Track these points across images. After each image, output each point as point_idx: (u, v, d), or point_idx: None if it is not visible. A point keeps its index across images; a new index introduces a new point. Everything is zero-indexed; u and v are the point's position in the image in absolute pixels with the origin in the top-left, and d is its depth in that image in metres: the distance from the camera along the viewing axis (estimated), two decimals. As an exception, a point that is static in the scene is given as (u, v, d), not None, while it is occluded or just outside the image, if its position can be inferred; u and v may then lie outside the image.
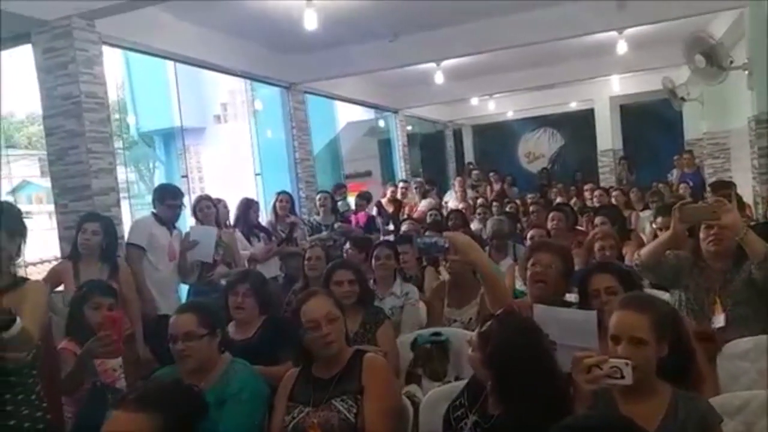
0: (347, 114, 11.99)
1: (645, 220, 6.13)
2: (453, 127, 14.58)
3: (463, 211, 7.20)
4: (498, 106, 13.41)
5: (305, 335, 2.26)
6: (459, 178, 10.51)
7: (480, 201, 8.76)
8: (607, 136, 12.95)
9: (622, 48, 7.69)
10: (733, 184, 7.04)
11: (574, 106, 13.75)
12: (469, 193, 9.93)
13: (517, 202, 8.63)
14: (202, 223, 4.65)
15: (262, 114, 8.45)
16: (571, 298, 2.85)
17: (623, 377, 1.69)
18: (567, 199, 9.01)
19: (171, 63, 6.33)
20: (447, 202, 9.29)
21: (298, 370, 2.36)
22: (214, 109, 12.00)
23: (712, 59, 6.28)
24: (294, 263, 4.83)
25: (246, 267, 4.75)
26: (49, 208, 5.55)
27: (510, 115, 14.52)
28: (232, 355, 2.51)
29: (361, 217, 6.62)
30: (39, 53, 4.43)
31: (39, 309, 2.13)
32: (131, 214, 6.31)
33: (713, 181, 6.99)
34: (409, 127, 12.32)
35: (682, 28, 6.82)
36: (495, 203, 7.88)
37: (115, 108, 6.82)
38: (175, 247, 4.38)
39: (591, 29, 6.96)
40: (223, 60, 6.52)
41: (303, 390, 2.28)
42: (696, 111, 10.02)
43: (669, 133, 12.29)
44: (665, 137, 12.42)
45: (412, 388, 2.89)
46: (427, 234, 5.21)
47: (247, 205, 5.33)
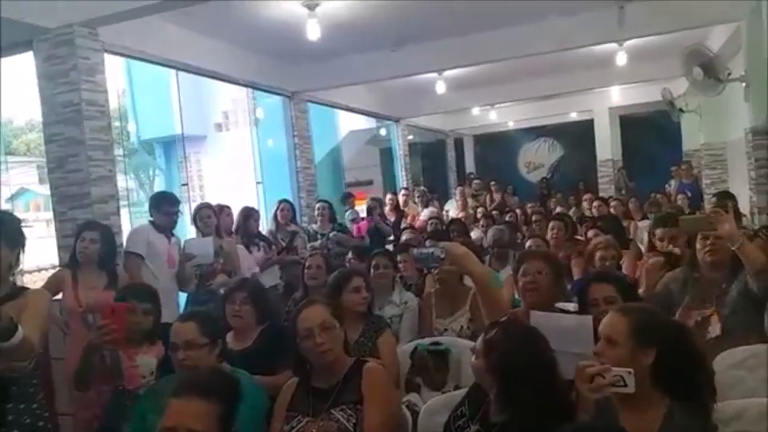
0: (349, 123, 12.01)
1: (643, 230, 6.12)
2: (454, 137, 14.63)
3: (464, 220, 7.21)
4: (499, 116, 13.46)
5: (301, 344, 2.26)
6: (460, 188, 10.53)
7: (481, 210, 8.77)
8: (607, 146, 13.00)
9: (621, 59, 7.73)
10: (733, 195, 7.10)
11: (574, 116, 13.81)
12: (470, 202, 9.94)
13: (517, 212, 8.64)
14: (202, 232, 4.64)
15: (264, 123, 8.46)
16: (569, 307, 2.86)
17: (626, 385, 1.72)
18: (566, 209, 9.03)
19: (173, 71, 6.35)
20: (448, 211, 9.30)
21: (298, 379, 2.36)
22: (215, 118, 11.99)
23: (710, 71, 6.31)
24: (294, 272, 4.82)
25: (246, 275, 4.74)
26: (46, 215, 5.55)
27: (511, 125, 14.58)
28: (231, 365, 2.51)
29: (362, 227, 6.61)
30: (40, 61, 4.43)
31: (41, 317, 2.13)
32: (131, 222, 6.31)
33: (717, 192, 7.03)
34: (411, 137, 12.34)
35: (681, 41, 6.86)
36: (495, 212, 7.88)
37: (115, 115, 6.83)
38: (173, 255, 4.36)
39: (591, 41, 7.01)
40: (226, 69, 6.54)
41: (302, 400, 2.28)
42: (694, 122, 10.05)
43: (667, 144, 12.34)
44: (664, 148, 12.47)
45: (412, 397, 2.89)
46: (428, 243, 5.23)
47: (247, 214, 5.32)
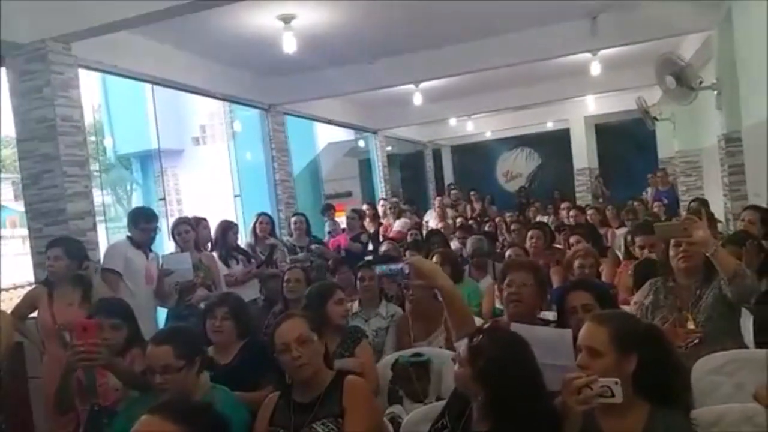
0: (327, 135, 12.02)
1: (621, 238, 6.19)
2: (432, 147, 14.70)
3: (443, 231, 7.23)
4: (476, 127, 13.56)
5: (278, 358, 2.25)
6: (439, 198, 10.57)
7: (460, 220, 8.81)
8: (583, 154, 13.17)
9: (595, 69, 7.85)
10: (706, 202, 7.22)
11: (550, 125, 13.98)
12: (449, 212, 9.98)
13: (496, 221, 8.70)
14: (181, 247, 4.60)
15: (241, 136, 8.43)
16: (549, 315, 2.87)
17: (613, 395, 1.71)
18: (544, 217, 9.12)
19: (149, 85, 6.31)
20: (428, 222, 9.32)
21: (278, 394, 2.34)
22: (192, 131, 11.96)
23: (682, 80, 6.43)
24: (273, 285, 4.79)
25: (226, 290, 4.70)
26: (22, 232, 5.47)
27: (488, 135, 14.71)
28: (213, 381, 2.48)
29: (341, 239, 6.59)
30: (13, 76, 4.38)
31: (2, 338, 2.04)
32: (108, 237, 6.24)
33: (694, 198, 7.15)
34: (389, 148, 12.39)
35: (654, 50, 6.98)
36: (472, 222, 7.91)
37: (91, 130, 6.76)
38: (151, 271, 4.32)
39: (565, 51, 7.10)
40: (202, 82, 6.51)
41: (283, 414, 2.26)
42: (668, 130, 10.22)
43: (643, 152, 12.53)
44: (639, 156, 12.66)
45: (395, 408, 2.88)
46: (407, 254, 5.24)
47: (226, 228, 5.28)
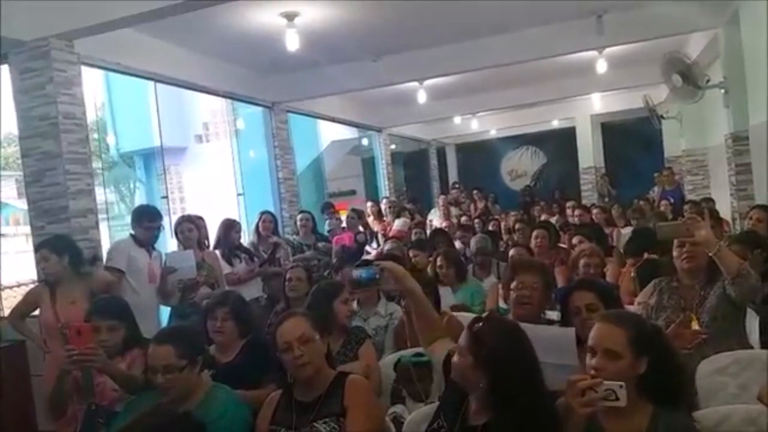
0: (331, 133, 11.99)
1: (626, 237, 6.16)
2: (436, 146, 14.69)
3: (446, 230, 7.20)
4: (481, 125, 13.53)
5: (280, 357, 2.24)
6: (443, 196, 10.54)
7: (464, 219, 8.78)
8: (589, 153, 13.13)
9: (601, 67, 7.81)
10: (712, 201, 7.18)
11: (555, 124, 13.93)
12: (453, 211, 9.95)
13: (498, 218, 8.68)
14: (184, 245, 4.59)
15: (245, 134, 8.41)
16: (553, 315, 2.85)
17: (618, 399, 1.69)
18: (549, 216, 9.08)
19: (152, 83, 6.30)
20: (431, 221, 9.29)
21: (280, 393, 2.33)
22: (195, 129, 11.95)
23: (689, 78, 6.39)
24: (276, 284, 4.77)
25: (228, 288, 4.69)
26: (26, 229, 5.47)
27: (493, 133, 14.66)
28: (215, 379, 2.46)
29: (346, 237, 6.58)
30: (16, 74, 4.39)
31: None
32: (111, 235, 6.24)
33: (701, 198, 7.10)
34: (393, 146, 12.36)
35: (661, 48, 6.94)
36: (477, 221, 7.89)
37: (94, 128, 6.76)
38: (154, 269, 4.31)
39: (571, 49, 7.08)
40: (205, 80, 6.51)
41: (285, 413, 2.25)
42: (675, 129, 10.19)
43: (649, 151, 12.47)
44: (645, 154, 12.60)
45: (398, 408, 2.87)
46: (411, 253, 5.22)
47: (228, 226, 5.26)
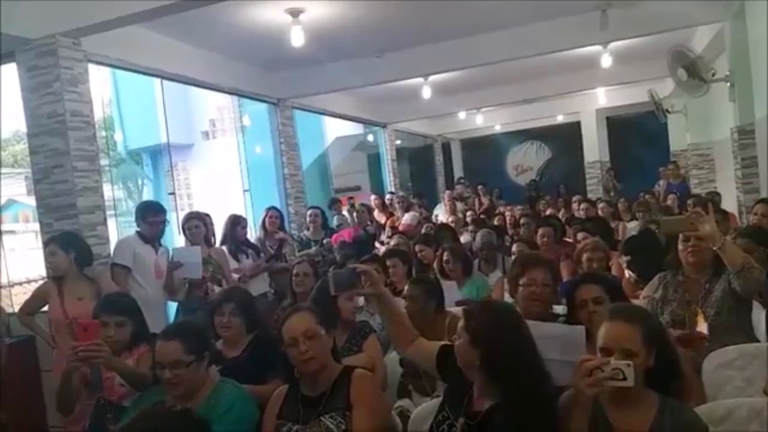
0: (336, 129, 12.02)
1: (632, 231, 6.16)
2: (442, 141, 14.68)
3: (452, 225, 7.21)
4: (486, 120, 13.52)
5: (286, 352, 2.26)
6: (448, 192, 10.55)
7: (470, 214, 8.79)
8: (594, 148, 13.10)
9: (606, 61, 7.79)
10: (718, 194, 7.16)
11: (561, 118, 13.90)
12: (459, 206, 9.96)
13: (506, 215, 8.67)
14: (191, 241, 4.62)
15: (251, 130, 8.44)
16: (558, 309, 2.86)
17: (625, 378, 1.69)
18: (555, 211, 9.07)
19: (158, 80, 6.32)
20: (437, 216, 9.31)
21: (287, 387, 2.35)
22: (202, 126, 11.99)
23: (694, 72, 6.37)
24: (283, 280, 4.81)
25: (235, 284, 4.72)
26: (35, 226, 5.50)
27: (498, 128, 14.64)
28: (222, 374, 2.48)
29: (346, 234, 6.60)
30: (23, 72, 4.40)
31: None
32: (119, 232, 6.27)
33: (707, 192, 7.07)
34: (398, 142, 12.37)
35: (666, 42, 6.92)
36: (483, 216, 7.89)
37: (101, 125, 6.79)
38: (161, 265, 4.34)
39: (574, 44, 7.06)
40: (211, 77, 6.52)
41: (291, 408, 2.27)
42: (680, 123, 10.15)
43: (654, 145, 12.43)
44: (651, 149, 12.56)
45: (404, 402, 2.88)
46: (417, 248, 5.24)
47: (234, 222, 5.30)
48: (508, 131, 14.91)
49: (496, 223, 7.53)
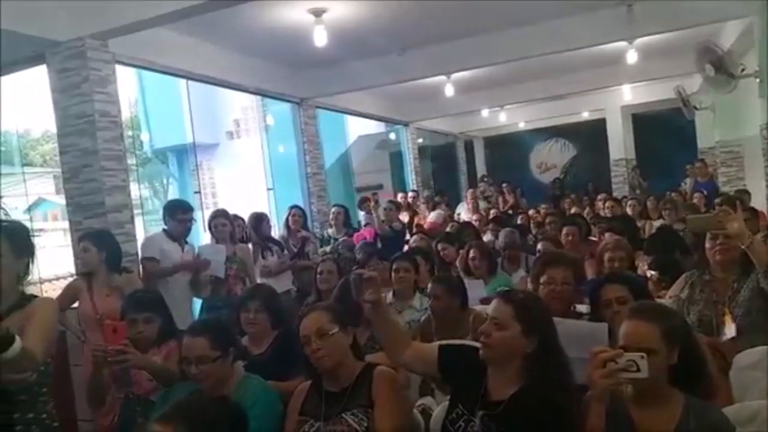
0: (358, 127, 12.05)
1: (658, 230, 6.07)
2: (464, 139, 14.60)
3: (475, 223, 7.20)
4: (509, 118, 13.42)
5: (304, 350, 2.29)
6: (471, 190, 10.51)
7: (494, 212, 8.75)
8: (620, 145, 12.92)
9: (632, 57, 7.69)
10: (747, 192, 7.02)
11: (585, 115, 13.72)
12: (481, 204, 9.92)
13: (530, 213, 8.62)
14: (217, 239, 4.68)
15: (274, 129, 8.52)
16: (582, 308, 2.84)
17: (639, 370, 1.67)
18: (581, 209, 8.98)
19: (183, 80, 6.41)
20: (459, 214, 9.29)
21: (310, 383, 2.36)
22: (226, 126, 12.12)
23: (721, 68, 6.26)
24: (306, 277, 4.85)
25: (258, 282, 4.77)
26: (64, 225, 5.61)
27: (521, 126, 14.52)
28: (247, 370, 2.52)
29: (366, 233, 6.63)
30: (53, 74, 4.50)
31: (46, 326, 2.06)
32: (145, 230, 6.36)
33: (736, 190, 6.93)
34: (420, 140, 12.34)
35: (693, 37, 6.80)
36: (510, 212, 7.85)
37: (128, 125, 6.91)
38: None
39: (600, 41, 6.98)
40: (235, 77, 6.60)
41: (314, 404, 2.28)
42: (708, 119, 9.97)
43: (682, 142, 12.21)
44: (678, 146, 12.33)
45: (426, 400, 2.88)
46: (439, 246, 5.23)
47: (259, 219, 5.36)
48: (531, 129, 14.77)
49: (519, 221, 7.49)
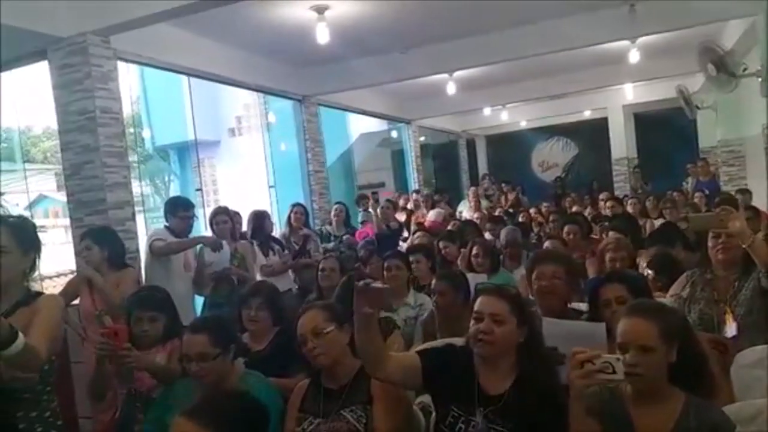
0: (360, 125, 12.03)
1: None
2: (466, 138, 14.60)
3: (477, 222, 7.20)
4: (511, 116, 13.41)
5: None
6: (473, 188, 10.50)
7: (498, 211, 8.75)
8: (621, 144, 12.92)
9: (634, 57, 7.68)
10: (749, 192, 7.01)
11: (587, 114, 13.72)
12: (483, 203, 9.91)
13: (531, 212, 8.62)
14: (218, 235, 4.68)
15: (276, 127, 8.51)
16: (581, 306, 2.83)
17: (615, 372, 1.67)
18: (582, 208, 8.98)
19: (185, 77, 6.41)
20: (461, 212, 9.29)
21: (309, 381, 2.37)
22: (228, 123, 12.11)
23: (723, 67, 6.24)
24: (308, 275, 4.85)
25: (258, 279, 4.77)
26: (65, 221, 5.62)
27: (523, 124, 14.52)
28: (247, 366, 2.52)
29: (369, 230, 6.63)
30: (55, 69, 4.50)
31: (51, 324, 2.05)
32: (146, 227, 6.37)
33: (737, 189, 6.92)
34: (422, 138, 12.34)
35: (696, 37, 6.78)
36: (511, 210, 7.85)
37: (130, 122, 6.90)
38: (189, 259, 4.41)
39: (602, 39, 6.97)
40: (237, 74, 6.59)
41: (313, 401, 2.29)
42: (710, 119, 9.95)
43: (683, 142, 12.21)
44: (679, 145, 12.33)
45: (425, 398, 2.88)
46: (441, 244, 5.23)
47: (261, 216, 5.36)
48: (533, 127, 14.76)
49: (520, 219, 7.49)
